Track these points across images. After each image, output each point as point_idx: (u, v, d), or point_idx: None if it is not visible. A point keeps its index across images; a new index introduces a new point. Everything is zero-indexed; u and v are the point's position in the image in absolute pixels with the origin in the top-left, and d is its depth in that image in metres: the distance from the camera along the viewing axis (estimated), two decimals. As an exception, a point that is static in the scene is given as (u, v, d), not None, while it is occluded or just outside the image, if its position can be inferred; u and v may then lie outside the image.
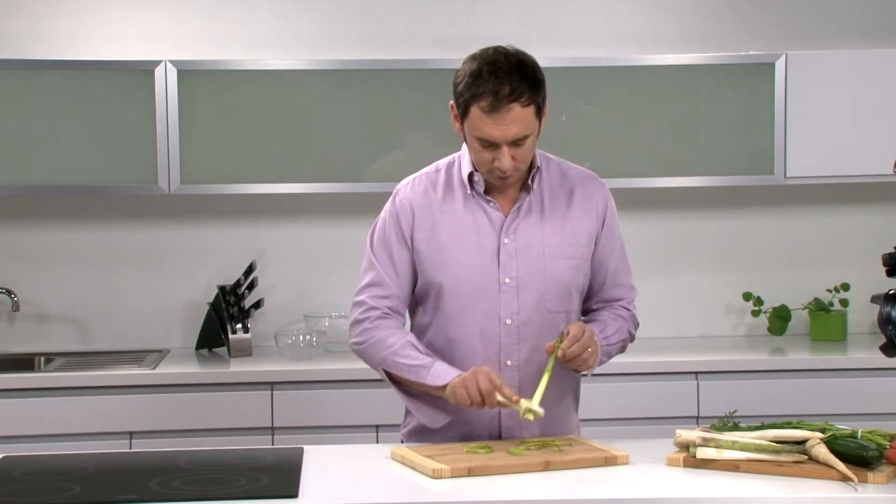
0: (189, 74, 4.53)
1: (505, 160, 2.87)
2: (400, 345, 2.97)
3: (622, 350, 3.12)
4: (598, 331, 3.00)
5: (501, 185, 2.97)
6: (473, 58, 2.89)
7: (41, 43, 4.75)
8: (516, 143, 2.86)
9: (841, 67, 4.67)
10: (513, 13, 4.88)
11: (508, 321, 2.98)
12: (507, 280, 2.97)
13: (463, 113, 2.88)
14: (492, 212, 2.99)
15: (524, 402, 2.82)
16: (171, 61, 4.53)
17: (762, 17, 4.94)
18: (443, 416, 3.01)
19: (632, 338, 3.13)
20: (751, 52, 4.72)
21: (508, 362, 2.99)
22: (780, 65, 4.64)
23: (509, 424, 3.01)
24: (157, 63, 4.52)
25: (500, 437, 3.01)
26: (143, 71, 4.52)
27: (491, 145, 2.87)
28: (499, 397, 2.84)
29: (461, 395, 2.86)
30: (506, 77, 2.83)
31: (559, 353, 2.86)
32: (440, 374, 2.91)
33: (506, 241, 2.97)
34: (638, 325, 3.15)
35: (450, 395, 2.89)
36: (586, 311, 3.12)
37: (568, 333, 2.88)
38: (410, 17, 4.87)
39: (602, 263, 3.07)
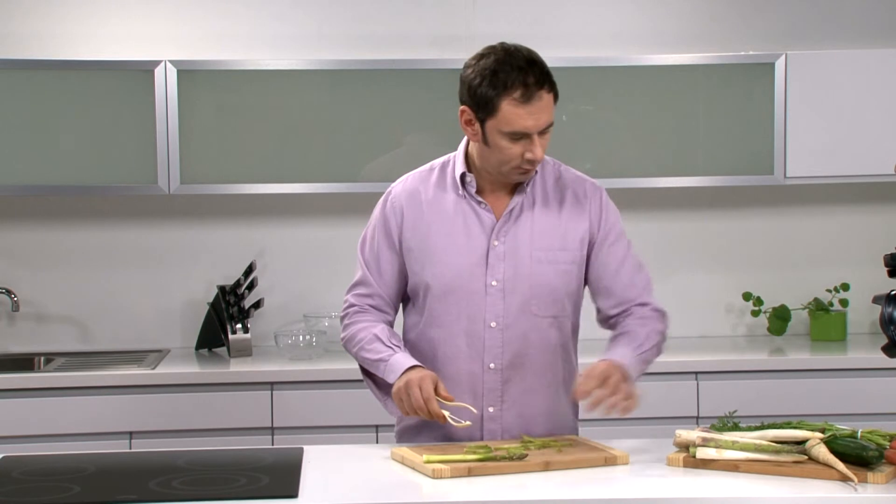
0: (189, 74, 4.53)
1: (538, 149, 2.86)
2: (367, 339, 3.00)
3: (660, 352, 3.03)
4: (634, 346, 2.93)
5: (524, 179, 2.95)
6: (483, 56, 2.88)
7: (41, 43, 4.75)
8: (543, 132, 2.87)
9: (841, 67, 4.67)
10: (512, 13, 4.88)
11: (493, 324, 2.97)
12: (493, 283, 2.96)
13: (490, 112, 2.85)
14: (483, 213, 2.98)
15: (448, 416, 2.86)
16: (171, 61, 4.53)
17: (762, 17, 4.94)
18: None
19: (664, 336, 3.04)
20: (751, 52, 4.72)
21: (492, 365, 2.98)
22: (780, 65, 4.64)
23: (491, 428, 3.00)
24: (157, 63, 4.52)
25: (481, 440, 2.98)
26: (143, 71, 4.52)
27: (522, 137, 2.85)
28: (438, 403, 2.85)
29: (400, 406, 2.90)
30: (527, 67, 2.84)
31: (576, 391, 2.81)
32: (393, 369, 2.93)
33: (495, 243, 2.96)
34: (665, 315, 3.05)
35: (395, 400, 2.92)
36: (609, 318, 3.05)
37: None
38: (410, 17, 4.87)
39: (606, 265, 3.02)
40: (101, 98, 4.54)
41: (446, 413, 2.86)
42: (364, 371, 3.06)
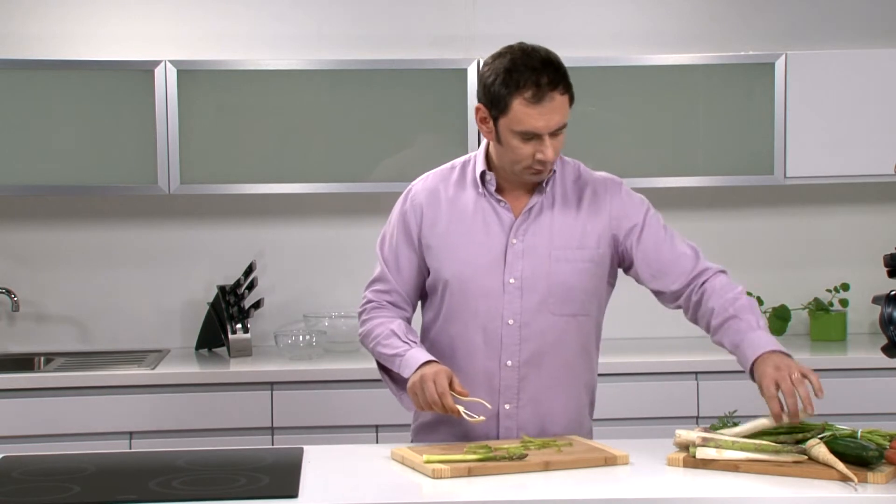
0: (189, 74, 4.53)
1: (549, 150, 2.87)
2: (384, 334, 3.01)
3: (752, 302, 3.02)
4: (754, 325, 2.92)
5: (537, 180, 2.95)
6: (500, 56, 2.89)
7: (41, 43, 4.76)
8: (555, 133, 2.87)
9: (841, 67, 4.67)
10: (512, 13, 4.88)
11: (511, 321, 2.97)
12: (511, 280, 2.96)
13: (502, 110, 2.86)
14: (502, 212, 2.99)
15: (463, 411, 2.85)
16: (171, 61, 4.53)
17: (762, 17, 4.94)
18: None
19: (743, 290, 3.02)
20: (751, 52, 4.72)
21: (509, 362, 2.99)
22: (779, 65, 4.64)
23: (508, 425, 3.01)
24: (157, 63, 4.52)
25: (497, 438, 3.01)
26: (143, 71, 4.52)
27: (533, 138, 2.86)
28: (453, 398, 2.84)
29: (415, 400, 2.90)
30: (542, 68, 2.84)
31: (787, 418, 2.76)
32: (408, 364, 2.93)
33: (514, 241, 2.97)
34: (727, 272, 3.05)
35: (409, 394, 2.92)
36: (677, 293, 3.01)
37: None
38: (410, 17, 4.87)
39: (646, 250, 3.01)
40: (101, 98, 4.53)
41: (460, 408, 2.86)
42: (380, 366, 3.07)
